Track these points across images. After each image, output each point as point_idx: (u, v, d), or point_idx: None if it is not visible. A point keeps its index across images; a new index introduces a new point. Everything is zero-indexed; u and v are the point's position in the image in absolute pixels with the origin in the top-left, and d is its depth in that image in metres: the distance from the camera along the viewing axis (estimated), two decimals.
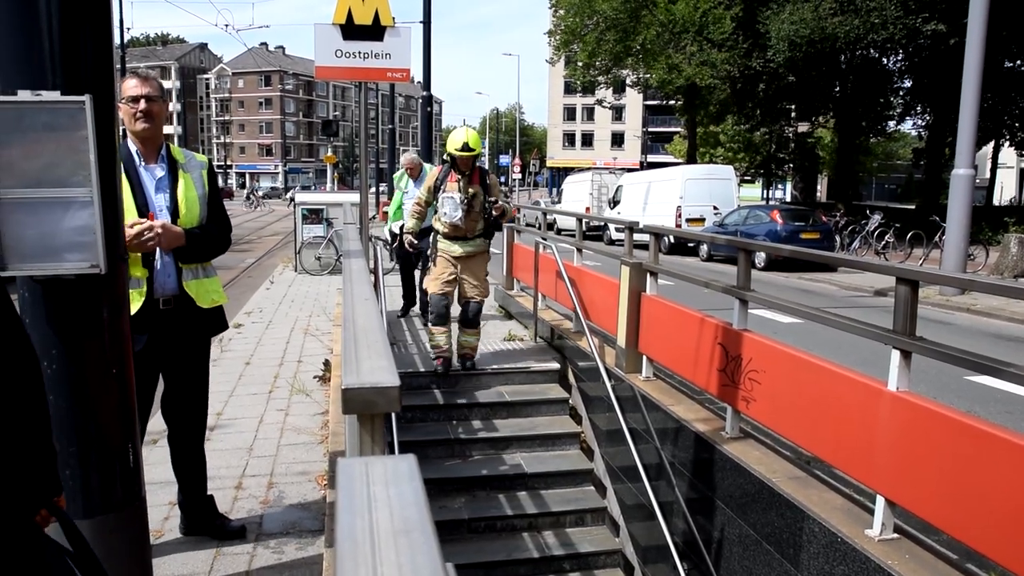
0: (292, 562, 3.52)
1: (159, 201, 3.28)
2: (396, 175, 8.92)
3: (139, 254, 3.16)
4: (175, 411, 3.54)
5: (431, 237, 6.32)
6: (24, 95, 2.05)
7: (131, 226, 3.02)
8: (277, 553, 3.59)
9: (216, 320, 3.52)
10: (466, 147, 5.85)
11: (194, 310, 3.35)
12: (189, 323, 3.36)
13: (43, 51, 2.09)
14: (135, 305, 3.09)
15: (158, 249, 3.20)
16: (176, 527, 3.74)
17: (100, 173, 2.14)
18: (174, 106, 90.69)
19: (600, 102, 38.65)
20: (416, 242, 6.38)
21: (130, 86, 3.20)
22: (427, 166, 8.51)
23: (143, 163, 3.28)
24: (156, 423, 3.91)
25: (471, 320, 6.31)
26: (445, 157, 6.15)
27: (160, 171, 3.31)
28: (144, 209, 3.21)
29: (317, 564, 3.47)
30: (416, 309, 8.65)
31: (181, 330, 3.35)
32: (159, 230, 3.10)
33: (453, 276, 6.16)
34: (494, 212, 6.09)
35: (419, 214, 6.30)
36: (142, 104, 3.19)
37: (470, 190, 5.98)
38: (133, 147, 3.26)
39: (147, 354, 3.21)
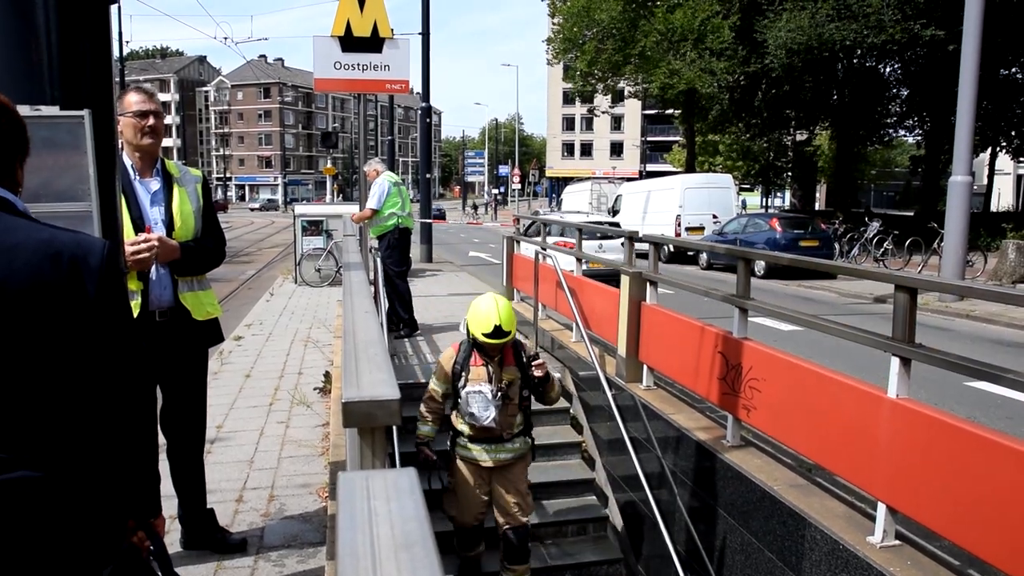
0: (293, 575, 3.51)
1: (154, 214, 3.29)
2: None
3: None
4: (173, 424, 3.54)
5: (451, 426, 4.51)
6: (23, 110, 2.05)
7: (128, 244, 3.04)
8: (279, 566, 3.58)
9: (212, 332, 3.54)
10: (498, 331, 4.15)
11: (190, 322, 3.36)
12: (185, 335, 3.38)
13: (42, 65, 2.10)
14: None
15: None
16: (176, 541, 3.72)
17: (100, 187, 2.15)
18: (173, 119, 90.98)
19: (593, 110, 38.71)
20: (435, 457, 4.53)
21: (136, 101, 3.23)
22: (386, 176, 8.24)
23: (138, 177, 3.29)
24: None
25: (518, 552, 4.52)
26: (463, 330, 4.46)
27: (155, 184, 3.33)
28: (139, 222, 3.22)
29: None
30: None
31: (177, 342, 3.36)
32: (155, 243, 3.12)
33: (488, 496, 4.47)
34: (535, 373, 4.37)
35: (434, 414, 4.52)
36: (151, 120, 3.23)
37: (504, 377, 4.31)
38: (128, 161, 3.27)
39: None
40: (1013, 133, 26.91)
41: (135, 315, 3.17)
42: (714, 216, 20.73)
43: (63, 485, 1.49)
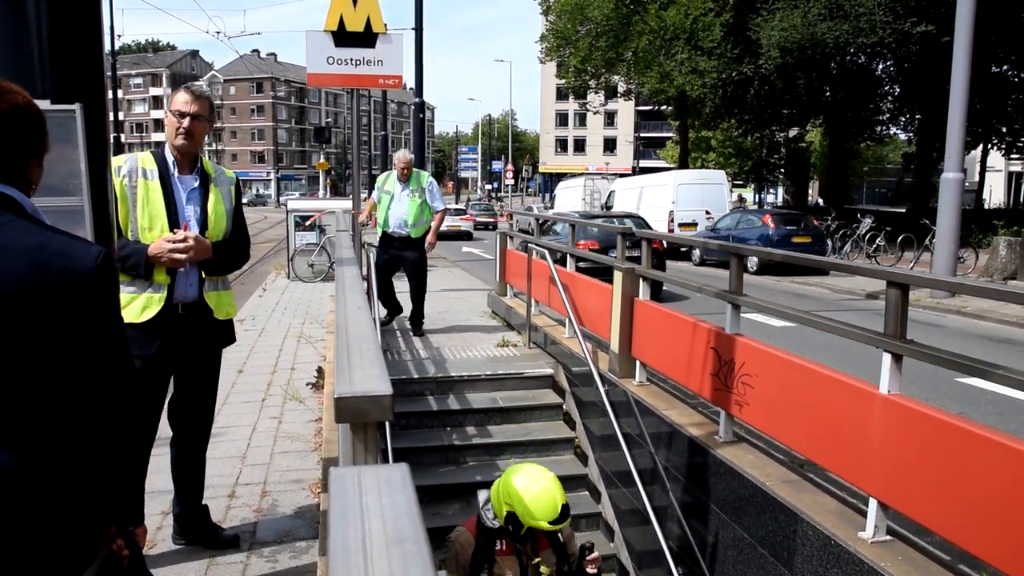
0: (286, 571, 3.50)
1: (189, 212, 3.31)
2: (381, 176, 8.23)
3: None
4: (182, 417, 3.55)
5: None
6: None
7: (167, 241, 3.06)
8: (271, 562, 3.58)
9: (227, 332, 3.57)
10: (565, 512, 3.28)
11: (209, 320, 3.38)
12: (203, 332, 3.39)
13: (33, 59, 2.08)
14: (153, 309, 3.18)
15: None
16: (169, 537, 3.72)
17: (91, 182, 2.13)
18: (164, 113, 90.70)
19: (585, 106, 38.74)
20: None
21: (180, 101, 3.26)
22: (425, 172, 8.35)
23: (177, 172, 3.31)
24: (160, 429, 3.90)
25: None
26: (489, 512, 3.47)
27: (193, 182, 3.36)
28: (175, 218, 3.24)
29: (311, 573, 3.46)
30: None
31: (195, 338, 3.37)
32: (192, 242, 3.12)
33: None
34: (589, 570, 3.48)
35: None
36: (186, 122, 3.26)
37: (543, 570, 3.43)
38: (170, 157, 3.30)
39: (160, 359, 3.26)
40: (1004, 130, 27.05)
41: (160, 307, 3.20)
42: (707, 212, 20.76)
43: (40, 486, 1.48)
